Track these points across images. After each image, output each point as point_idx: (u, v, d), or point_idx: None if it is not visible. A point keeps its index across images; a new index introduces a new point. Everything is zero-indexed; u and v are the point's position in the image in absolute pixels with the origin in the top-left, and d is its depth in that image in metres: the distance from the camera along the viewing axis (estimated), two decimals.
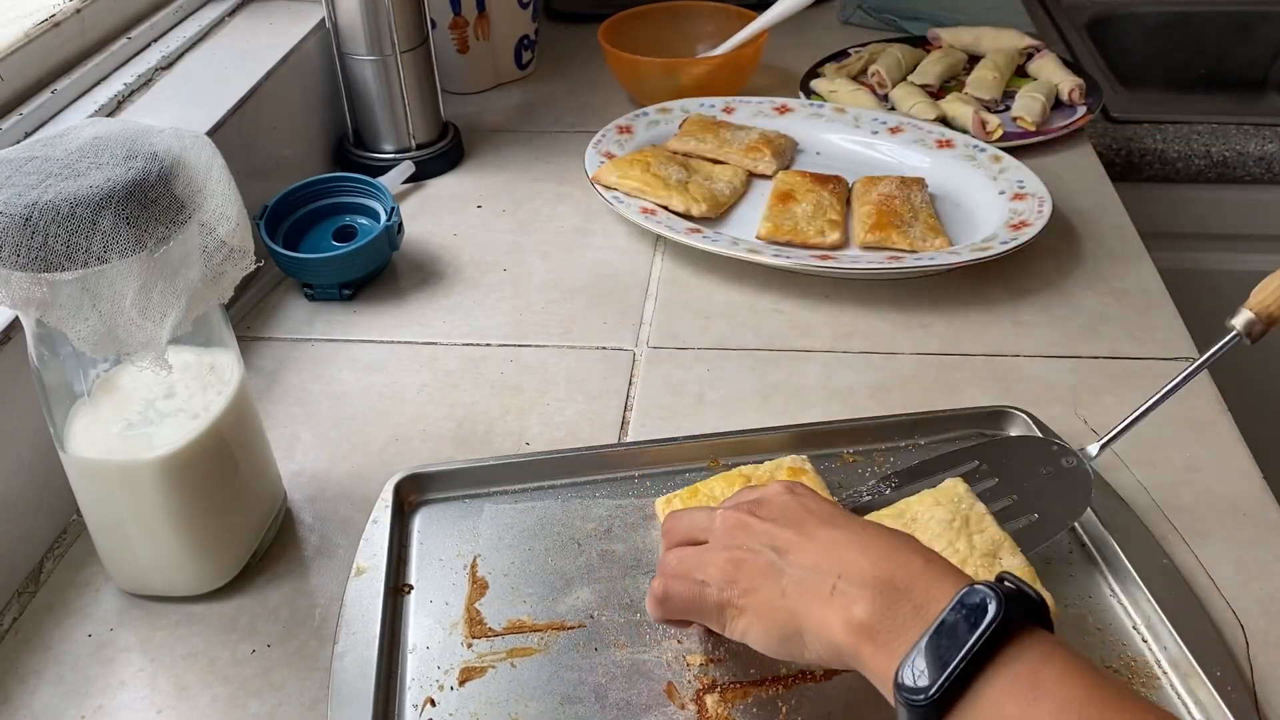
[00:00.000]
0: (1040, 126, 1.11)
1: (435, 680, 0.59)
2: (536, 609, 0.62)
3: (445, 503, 0.70)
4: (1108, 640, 0.59)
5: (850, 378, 0.81)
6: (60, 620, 0.64)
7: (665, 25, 1.28)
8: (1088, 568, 0.64)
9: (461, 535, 0.67)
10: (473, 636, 0.61)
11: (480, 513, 0.69)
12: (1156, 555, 0.63)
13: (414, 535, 0.67)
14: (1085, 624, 0.60)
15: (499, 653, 0.60)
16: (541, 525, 0.67)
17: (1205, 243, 1.33)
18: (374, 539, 0.66)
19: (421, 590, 0.64)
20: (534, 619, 0.61)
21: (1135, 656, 0.58)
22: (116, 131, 0.55)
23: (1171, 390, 0.65)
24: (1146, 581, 0.61)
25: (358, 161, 1.09)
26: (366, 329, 0.88)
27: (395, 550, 0.66)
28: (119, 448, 0.59)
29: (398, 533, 0.67)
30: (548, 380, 0.82)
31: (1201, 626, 0.59)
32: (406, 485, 0.69)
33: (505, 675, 0.58)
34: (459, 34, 1.23)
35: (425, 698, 0.58)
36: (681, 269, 0.94)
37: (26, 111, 0.83)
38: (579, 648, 0.60)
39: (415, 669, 0.59)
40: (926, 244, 0.91)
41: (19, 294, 0.51)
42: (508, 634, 0.61)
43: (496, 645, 0.60)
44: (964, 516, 0.61)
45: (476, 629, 0.61)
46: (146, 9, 1.02)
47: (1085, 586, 0.63)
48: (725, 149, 1.05)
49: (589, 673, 0.58)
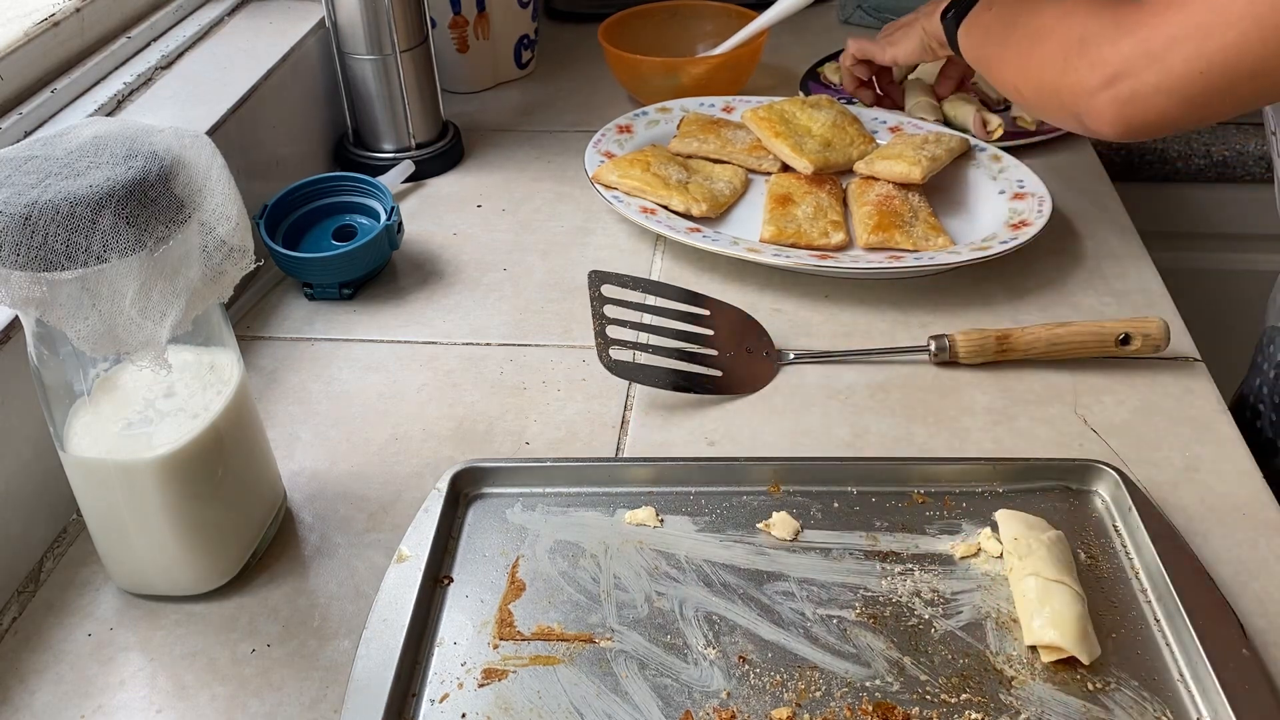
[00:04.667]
0: (1040, 126, 1.11)
1: (456, 678, 0.58)
2: (567, 618, 0.61)
3: (499, 499, 0.69)
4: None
5: (850, 378, 0.81)
6: (60, 620, 0.64)
7: (665, 25, 1.28)
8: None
9: (509, 534, 0.67)
10: (500, 638, 0.60)
11: (532, 513, 0.68)
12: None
13: (464, 528, 0.67)
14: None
15: (523, 657, 0.59)
16: (590, 533, 0.67)
17: (1205, 243, 1.33)
18: (422, 527, 0.66)
19: (460, 584, 0.64)
20: (563, 628, 0.61)
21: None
22: (116, 131, 0.55)
23: None
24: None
25: (357, 161, 1.09)
26: (366, 328, 0.88)
27: (441, 541, 0.65)
28: (119, 447, 0.59)
29: (447, 524, 0.67)
30: (548, 380, 0.82)
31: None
32: (463, 477, 0.69)
33: (525, 681, 0.58)
34: (459, 33, 1.23)
35: (442, 693, 0.57)
36: (681, 269, 0.94)
37: (26, 111, 0.83)
38: (602, 664, 0.59)
39: (439, 663, 0.59)
40: (929, 243, 0.91)
41: (19, 293, 0.51)
42: (535, 639, 0.60)
43: (522, 649, 0.60)
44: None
45: (505, 630, 0.61)
46: (146, 8, 1.02)
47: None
48: (728, 148, 1.05)
49: (607, 691, 0.57)
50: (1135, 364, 0.81)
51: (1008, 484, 0.69)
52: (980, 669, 0.58)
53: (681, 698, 0.57)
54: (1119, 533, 0.66)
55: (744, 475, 0.70)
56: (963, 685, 0.57)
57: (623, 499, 0.69)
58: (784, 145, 1.01)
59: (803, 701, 0.57)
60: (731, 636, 0.60)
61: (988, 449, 0.74)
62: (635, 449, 0.75)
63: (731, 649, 0.59)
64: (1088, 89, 0.72)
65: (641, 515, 0.67)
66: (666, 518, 0.67)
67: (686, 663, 0.59)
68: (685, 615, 0.61)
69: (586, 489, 0.70)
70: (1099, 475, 0.69)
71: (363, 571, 0.66)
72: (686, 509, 0.68)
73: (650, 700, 0.57)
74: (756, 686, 0.58)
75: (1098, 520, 0.67)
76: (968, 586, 0.63)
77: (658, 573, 0.64)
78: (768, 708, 0.56)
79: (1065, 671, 0.58)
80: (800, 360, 0.82)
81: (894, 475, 0.70)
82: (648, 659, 0.59)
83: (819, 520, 0.67)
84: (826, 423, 0.77)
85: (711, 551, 0.65)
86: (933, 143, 1.00)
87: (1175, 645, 0.59)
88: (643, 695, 0.57)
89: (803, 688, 0.57)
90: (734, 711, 0.56)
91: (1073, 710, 0.56)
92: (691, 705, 0.57)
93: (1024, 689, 0.57)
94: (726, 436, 0.76)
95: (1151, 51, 0.68)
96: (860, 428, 0.76)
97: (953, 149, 1.00)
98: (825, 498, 0.68)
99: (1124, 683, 0.57)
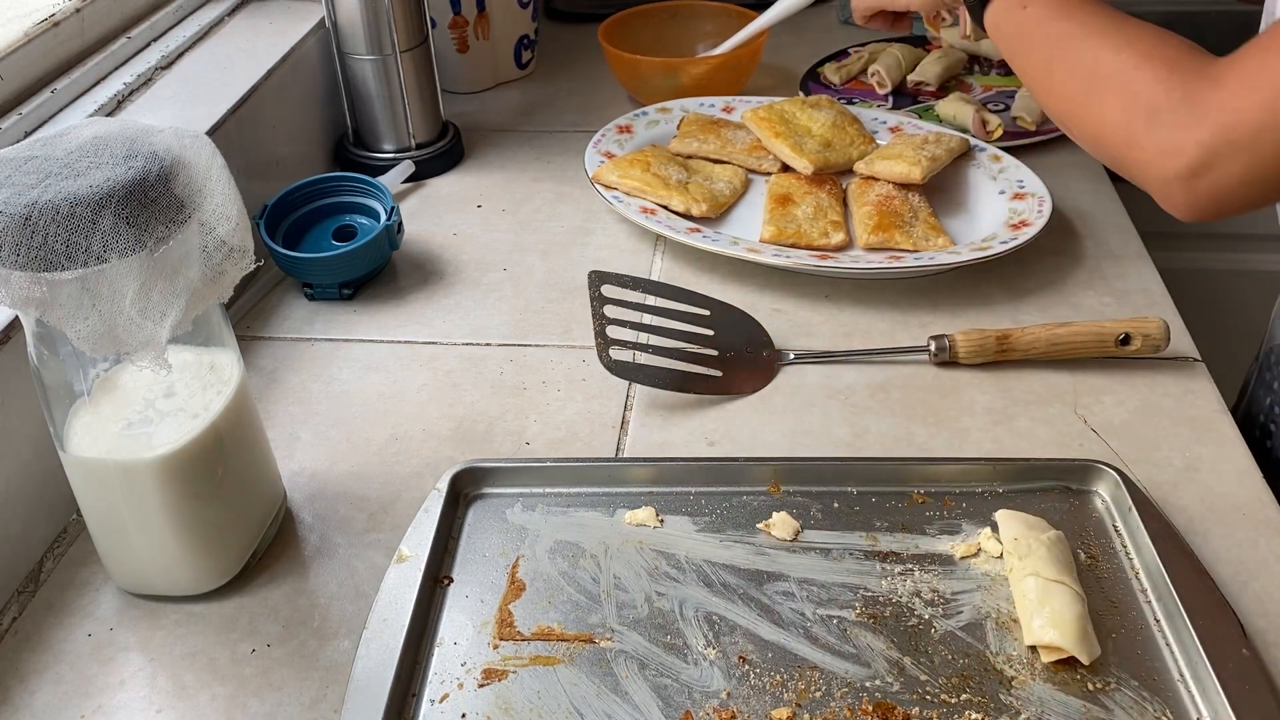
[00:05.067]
0: (1040, 126, 1.11)
1: (456, 678, 0.58)
2: (567, 618, 0.61)
3: (499, 499, 0.69)
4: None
5: (850, 378, 0.81)
6: (60, 620, 0.64)
7: (665, 25, 1.28)
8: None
9: (509, 534, 0.67)
10: (500, 638, 0.60)
11: (532, 513, 0.68)
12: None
13: (464, 528, 0.67)
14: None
15: (523, 658, 0.59)
16: (590, 534, 0.67)
17: (1205, 243, 1.33)
18: (422, 527, 0.66)
19: (460, 584, 0.64)
20: (563, 628, 0.61)
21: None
22: (116, 131, 0.55)
23: None
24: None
25: (357, 161, 1.09)
26: (366, 328, 0.88)
27: (441, 541, 0.65)
28: (119, 447, 0.59)
29: (447, 524, 0.67)
30: (548, 380, 0.82)
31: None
32: (463, 477, 0.69)
33: (525, 681, 0.58)
34: (459, 33, 1.23)
35: (442, 694, 0.57)
36: (681, 269, 0.94)
37: (26, 111, 0.83)
38: (602, 664, 0.59)
39: (439, 663, 0.59)
40: (929, 243, 0.91)
41: (19, 293, 0.51)
42: (535, 640, 0.60)
43: (522, 650, 0.60)
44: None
45: (505, 630, 0.61)
46: (146, 9, 1.02)
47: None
48: (728, 149, 1.05)
49: (607, 691, 0.57)
50: (1135, 364, 0.81)
51: (1008, 484, 0.69)
52: (980, 669, 0.58)
53: (681, 698, 0.57)
54: (1119, 533, 0.66)
55: (744, 475, 0.70)
56: (963, 685, 0.57)
57: (623, 499, 0.69)
58: (784, 145, 1.01)
59: (803, 701, 0.57)
60: (731, 637, 0.60)
61: (988, 449, 0.74)
62: (635, 449, 0.75)
63: (731, 649, 0.59)
64: (1161, 175, 0.65)
65: (641, 515, 0.67)
66: (666, 518, 0.67)
67: (686, 663, 0.59)
68: (685, 615, 0.61)
69: (586, 489, 0.69)
70: (1099, 475, 0.69)
71: (363, 571, 0.66)
72: (686, 509, 0.68)
73: (650, 700, 0.57)
74: (756, 687, 0.58)
75: (1098, 520, 0.67)
76: (968, 587, 0.63)
77: (658, 573, 0.64)
78: (768, 708, 0.56)
79: (1065, 671, 0.58)
80: (800, 360, 0.82)
81: (894, 475, 0.70)
82: (648, 659, 0.59)
83: (819, 520, 0.67)
84: (826, 423, 0.77)
85: (711, 552, 0.65)
86: (933, 143, 1.00)
87: (1175, 645, 0.59)
88: (643, 695, 0.57)
89: (803, 688, 0.57)
90: (734, 711, 0.56)
91: (1073, 710, 0.56)
92: (691, 705, 0.57)
93: (1024, 689, 0.57)
94: (726, 436, 0.76)
95: (1236, 141, 0.61)
96: (860, 428, 0.76)
97: (953, 149, 1.00)
98: (825, 498, 0.68)
99: (1124, 683, 0.57)
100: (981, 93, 1.20)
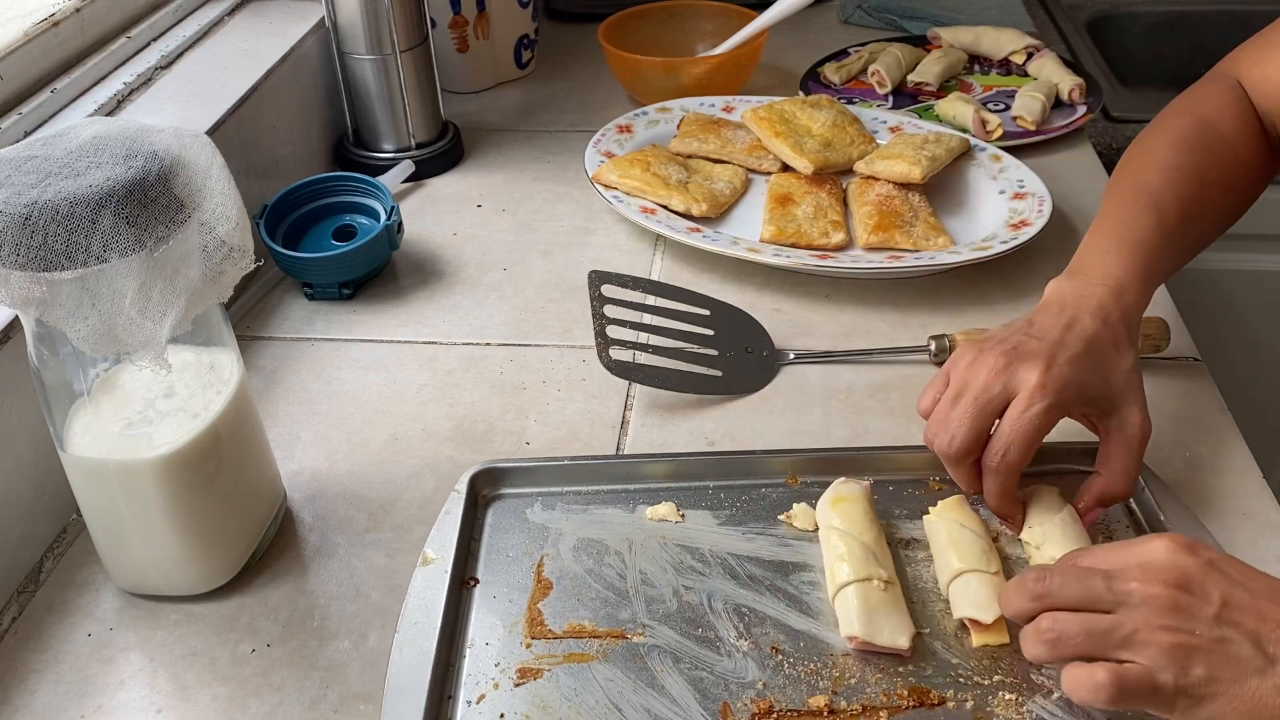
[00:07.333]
0: (1040, 126, 1.11)
1: (492, 679, 0.58)
2: (598, 615, 0.62)
3: (517, 499, 0.69)
4: None
5: (850, 378, 0.81)
6: (60, 620, 0.64)
7: (665, 25, 1.28)
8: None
9: (530, 533, 0.67)
10: (532, 637, 0.60)
11: (552, 511, 0.68)
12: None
13: (485, 529, 0.67)
14: None
15: (556, 656, 0.59)
16: (612, 530, 0.67)
17: None
18: (445, 529, 0.66)
19: (486, 585, 0.64)
20: (594, 625, 0.61)
21: None
22: (116, 131, 0.55)
23: None
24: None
25: (357, 161, 1.09)
26: (366, 328, 0.88)
27: (465, 543, 0.66)
28: (119, 447, 0.59)
29: (469, 525, 0.67)
30: (548, 380, 0.82)
31: None
32: (482, 478, 0.69)
33: (561, 679, 0.58)
34: (459, 33, 1.23)
35: (479, 694, 0.58)
36: (681, 268, 0.94)
37: (26, 111, 0.83)
38: (636, 659, 0.59)
39: (472, 665, 0.59)
40: (929, 243, 0.91)
41: (19, 293, 0.51)
42: (567, 637, 0.60)
43: (555, 648, 0.60)
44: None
45: (536, 629, 0.61)
46: (146, 8, 1.02)
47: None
48: (728, 148, 1.05)
49: (643, 686, 0.58)
50: None
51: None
52: (1010, 650, 0.59)
53: (718, 689, 0.57)
54: (1133, 512, 0.67)
55: (760, 468, 0.70)
56: (994, 667, 0.58)
57: (641, 495, 0.69)
58: (784, 145, 1.01)
59: (838, 689, 0.57)
60: (762, 627, 0.61)
61: None
62: (635, 449, 0.75)
63: (764, 640, 0.60)
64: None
65: (662, 511, 0.67)
66: (687, 512, 0.68)
67: (720, 655, 0.59)
68: (714, 608, 0.62)
69: (604, 486, 0.70)
70: None
71: (363, 571, 0.66)
72: (706, 503, 0.68)
73: (687, 693, 0.57)
74: (791, 676, 0.58)
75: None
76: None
77: (683, 567, 0.64)
78: (804, 696, 0.57)
79: None
80: (800, 360, 0.82)
81: (909, 464, 0.70)
82: (681, 653, 0.59)
83: None
84: (827, 423, 0.77)
85: (735, 544, 0.66)
86: (933, 143, 1.00)
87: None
88: (679, 689, 0.58)
89: (837, 675, 0.58)
90: (771, 701, 0.57)
91: None
92: (729, 697, 0.57)
93: (1054, 667, 0.57)
94: (726, 436, 0.76)
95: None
96: (860, 428, 0.76)
97: (953, 149, 1.00)
98: None
99: None
100: (981, 93, 1.21)
